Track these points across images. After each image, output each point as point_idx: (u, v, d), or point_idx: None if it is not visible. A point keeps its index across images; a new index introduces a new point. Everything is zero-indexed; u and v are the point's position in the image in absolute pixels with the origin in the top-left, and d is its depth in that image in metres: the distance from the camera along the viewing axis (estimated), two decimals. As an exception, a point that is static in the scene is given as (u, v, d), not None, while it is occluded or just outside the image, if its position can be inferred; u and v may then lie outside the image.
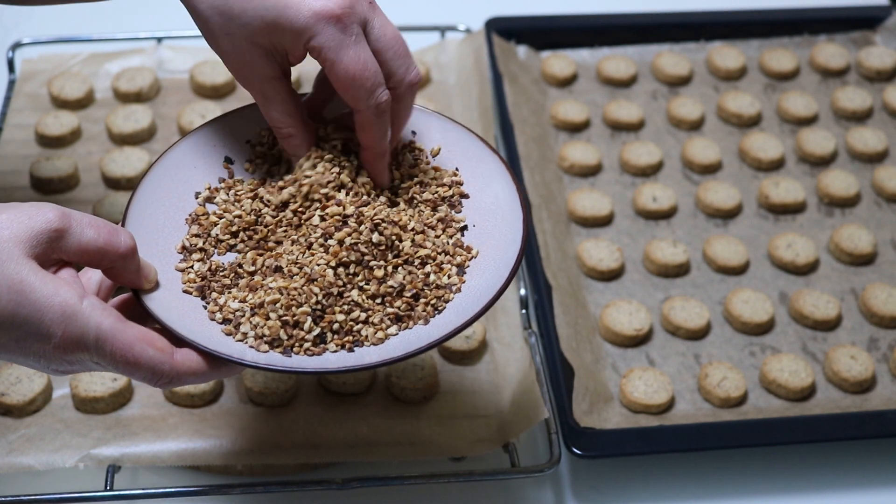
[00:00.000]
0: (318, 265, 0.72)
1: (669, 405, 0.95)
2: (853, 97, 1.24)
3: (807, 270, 1.07)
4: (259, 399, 0.91)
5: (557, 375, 0.93)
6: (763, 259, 1.09)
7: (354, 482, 0.85)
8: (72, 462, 0.86)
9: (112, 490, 0.84)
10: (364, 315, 0.72)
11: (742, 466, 0.94)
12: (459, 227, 0.79)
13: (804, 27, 1.32)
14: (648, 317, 1.01)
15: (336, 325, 0.72)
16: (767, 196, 1.13)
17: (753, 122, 1.22)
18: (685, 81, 1.26)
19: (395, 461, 0.89)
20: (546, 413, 0.88)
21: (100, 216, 1.02)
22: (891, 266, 1.09)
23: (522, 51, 1.27)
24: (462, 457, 0.89)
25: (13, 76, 1.19)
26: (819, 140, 1.19)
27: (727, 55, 1.28)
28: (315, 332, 0.71)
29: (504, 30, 1.25)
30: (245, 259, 0.75)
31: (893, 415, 0.94)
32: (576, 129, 1.20)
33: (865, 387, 0.97)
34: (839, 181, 1.15)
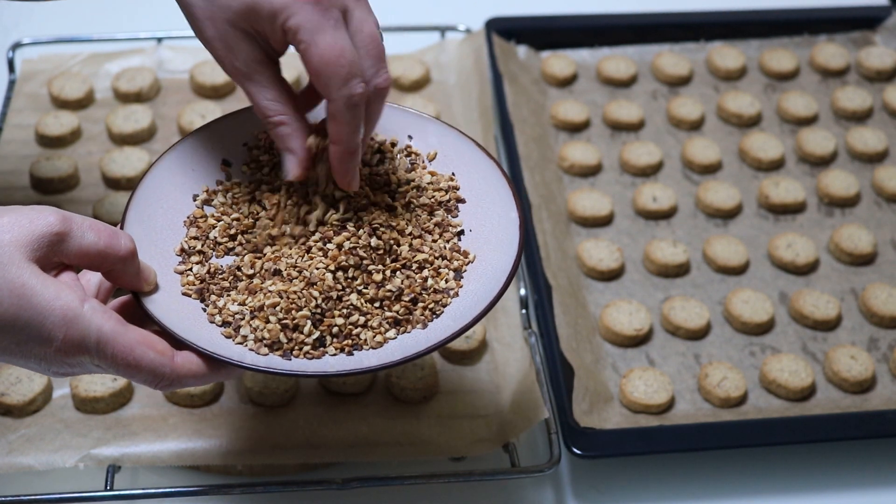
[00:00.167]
0: (318, 269, 0.72)
1: (669, 405, 0.95)
2: (853, 97, 1.24)
3: (807, 270, 1.07)
4: (259, 399, 0.91)
5: (557, 375, 0.93)
6: (763, 259, 1.09)
7: (354, 482, 0.85)
8: (72, 462, 0.86)
9: (112, 490, 0.84)
10: (363, 319, 0.72)
11: (742, 466, 0.94)
12: (456, 232, 0.79)
13: (804, 27, 1.32)
14: (648, 317, 1.00)
15: (335, 329, 0.72)
16: (767, 196, 1.13)
17: (753, 122, 1.22)
18: (685, 81, 1.26)
19: (395, 461, 0.89)
20: (546, 413, 0.88)
21: (100, 216, 1.04)
22: (891, 266, 1.09)
23: (522, 51, 1.27)
24: (462, 457, 0.89)
25: (13, 76, 1.19)
26: (819, 140, 1.19)
27: (727, 55, 1.28)
28: (314, 336, 0.71)
29: (504, 30, 1.25)
30: (243, 262, 0.75)
31: (893, 415, 0.94)
32: (576, 129, 1.20)
33: (865, 387, 0.97)
34: (839, 181, 1.15)
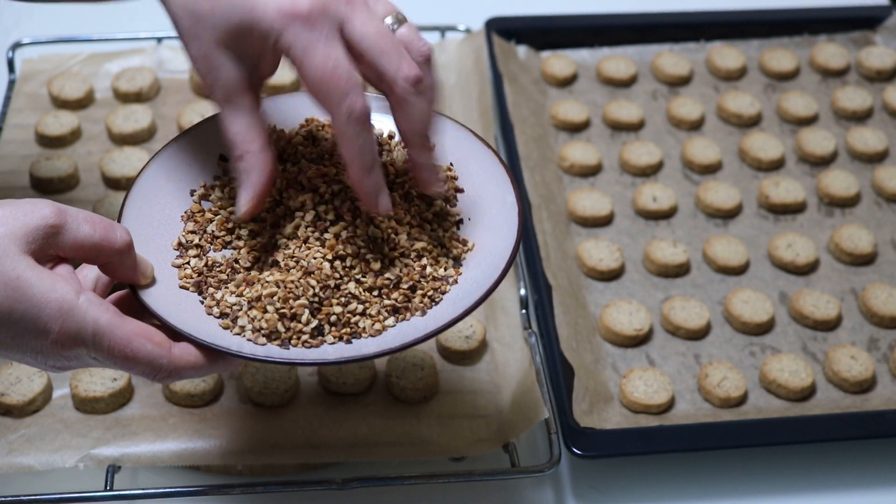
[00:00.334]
0: (315, 258, 0.72)
1: (669, 405, 0.95)
2: (853, 97, 1.24)
3: (807, 270, 1.07)
4: (259, 399, 0.91)
5: (557, 375, 0.93)
6: (763, 259, 1.08)
7: (354, 482, 0.85)
8: (72, 462, 0.86)
9: (112, 490, 0.84)
10: (361, 307, 0.72)
11: (742, 466, 0.94)
12: (455, 221, 0.79)
13: (804, 27, 1.32)
14: (648, 317, 1.00)
15: (333, 318, 0.71)
16: (767, 196, 1.13)
17: (753, 122, 1.22)
18: (685, 81, 1.26)
19: (395, 461, 0.89)
20: (546, 413, 0.88)
21: (99, 216, 1.04)
22: (891, 266, 1.09)
23: (522, 51, 1.27)
24: (462, 457, 0.89)
25: (13, 76, 1.19)
26: (819, 140, 1.19)
27: (727, 55, 1.28)
28: (312, 325, 0.71)
29: (504, 30, 1.25)
30: (241, 254, 0.75)
31: (893, 415, 0.94)
32: (576, 129, 1.20)
33: (865, 387, 0.97)
34: (839, 181, 1.15)
